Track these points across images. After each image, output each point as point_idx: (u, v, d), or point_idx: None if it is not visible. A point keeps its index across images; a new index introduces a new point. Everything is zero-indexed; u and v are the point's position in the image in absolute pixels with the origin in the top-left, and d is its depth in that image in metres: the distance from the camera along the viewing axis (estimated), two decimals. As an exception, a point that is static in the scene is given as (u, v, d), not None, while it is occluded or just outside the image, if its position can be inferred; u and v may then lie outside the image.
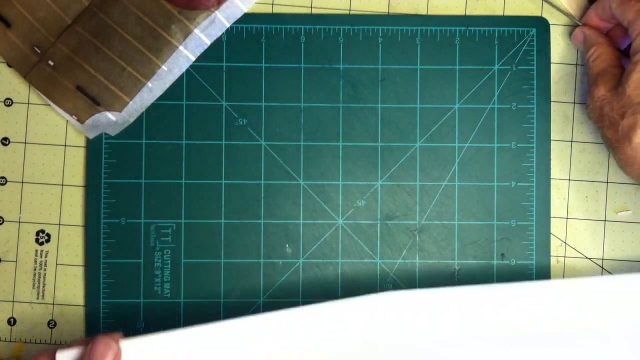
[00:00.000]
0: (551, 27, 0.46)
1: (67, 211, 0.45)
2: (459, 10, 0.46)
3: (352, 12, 0.46)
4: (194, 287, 0.45)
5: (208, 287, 0.45)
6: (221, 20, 0.44)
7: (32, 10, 0.44)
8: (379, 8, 0.46)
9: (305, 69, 0.45)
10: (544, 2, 0.46)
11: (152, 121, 0.45)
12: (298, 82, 0.45)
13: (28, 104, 0.46)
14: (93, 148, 0.45)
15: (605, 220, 0.46)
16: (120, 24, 0.43)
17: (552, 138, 0.46)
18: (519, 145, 0.45)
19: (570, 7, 0.46)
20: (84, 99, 0.44)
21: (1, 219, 0.45)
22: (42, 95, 0.44)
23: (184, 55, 0.44)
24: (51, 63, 0.44)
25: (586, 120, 0.46)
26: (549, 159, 0.46)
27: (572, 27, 0.46)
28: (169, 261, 0.45)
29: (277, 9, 0.46)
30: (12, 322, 0.45)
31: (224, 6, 0.44)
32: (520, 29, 0.46)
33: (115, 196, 0.45)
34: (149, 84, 0.44)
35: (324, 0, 0.46)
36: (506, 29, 0.46)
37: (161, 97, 0.45)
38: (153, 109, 0.45)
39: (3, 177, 0.45)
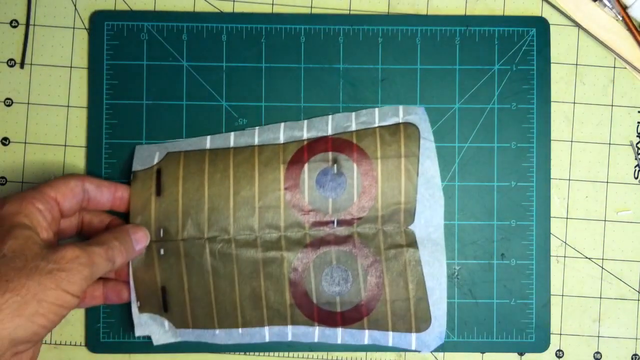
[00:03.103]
0: (551, 27, 0.46)
1: (67, 211, 0.45)
2: (459, 10, 0.46)
3: (352, 12, 0.46)
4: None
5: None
6: None
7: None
8: (379, 8, 0.46)
9: (305, 69, 0.45)
10: (544, 2, 0.46)
11: (152, 121, 0.45)
12: (298, 82, 0.45)
13: (28, 104, 0.45)
14: (93, 149, 0.45)
15: (605, 220, 0.46)
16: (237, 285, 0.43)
17: (552, 138, 0.46)
18: (519, 145, 0.45)
19: (570, 7, 0.46)
20: (158, 299, 0.43)
21: (1, 219, 0.45)
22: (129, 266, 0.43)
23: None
24: (162, 252, 0.43)
25: (586, 120, 0.46)
26: (549, 159, 0.46)
27: (572, 27, 0.46)
28: (169, 261, 0.45)
29: (277, 9, 0.46)
30: (12, 322, 0.45)
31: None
32: (520, 29, 0.46)
33: (115, 196, 0.45)
34: (217, 331, 0.44)
35: (324, 0, 0.46)
36: (506, 29, 0.46)
37: (161, 97, 0.45)
38: (153, 109, 0.45)
39: (3, 177, 0.45)
